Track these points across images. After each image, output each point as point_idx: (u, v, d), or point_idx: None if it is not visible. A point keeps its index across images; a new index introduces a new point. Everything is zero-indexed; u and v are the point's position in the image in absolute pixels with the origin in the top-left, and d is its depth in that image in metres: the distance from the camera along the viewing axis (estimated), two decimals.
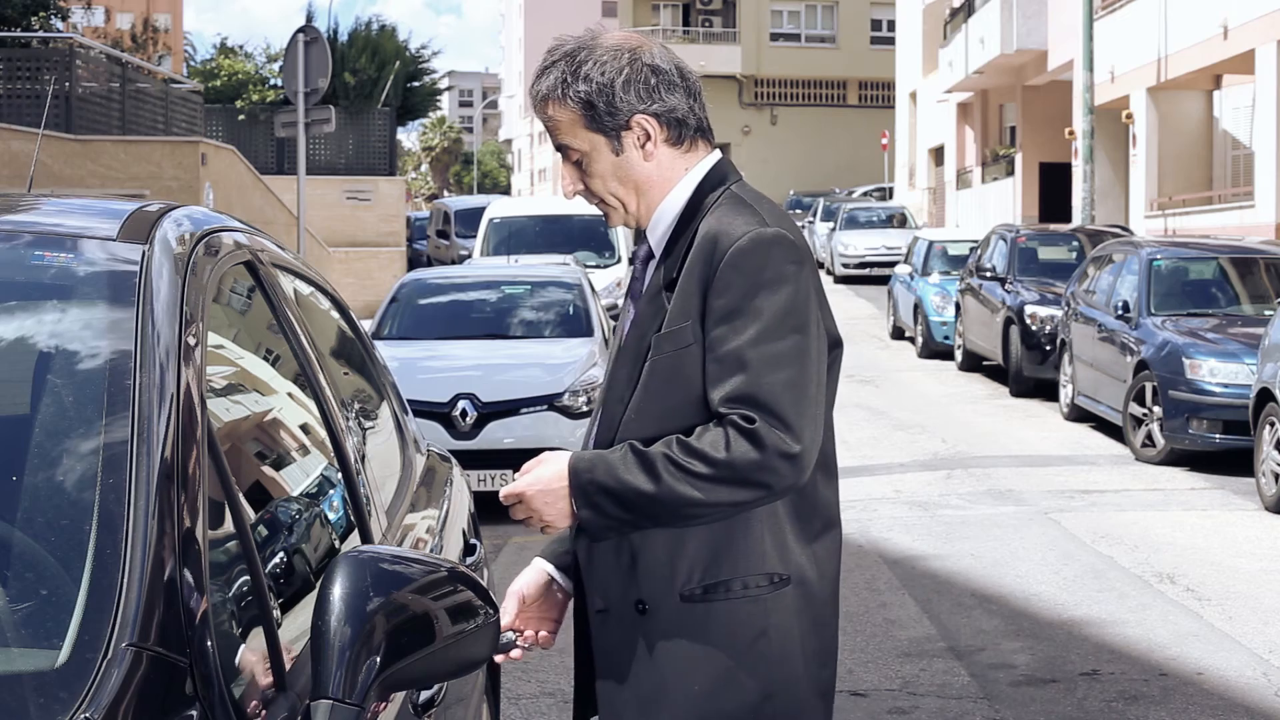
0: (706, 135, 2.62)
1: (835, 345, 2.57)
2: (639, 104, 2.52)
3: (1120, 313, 12.90)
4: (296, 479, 2.68)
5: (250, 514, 2.23)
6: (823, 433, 2.49)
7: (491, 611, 2.15)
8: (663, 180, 2.57)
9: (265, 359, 2.82)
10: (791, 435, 2.39)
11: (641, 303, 2.57)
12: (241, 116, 32.71)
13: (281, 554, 2.38)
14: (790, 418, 2.39)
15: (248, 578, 2.10)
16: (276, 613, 2.17)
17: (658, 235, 2.59)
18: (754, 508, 2.46)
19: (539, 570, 2.70)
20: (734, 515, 2.46)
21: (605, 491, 2.44)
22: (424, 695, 2.64)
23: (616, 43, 2.56)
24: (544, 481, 2.51)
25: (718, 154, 2.63)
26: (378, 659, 1.93)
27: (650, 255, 2.61)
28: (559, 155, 2.61)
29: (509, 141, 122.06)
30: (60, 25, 24.59)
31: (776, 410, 2.39)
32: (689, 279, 2.47)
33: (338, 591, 1.94)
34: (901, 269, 21.83)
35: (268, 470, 2.58)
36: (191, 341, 2.20)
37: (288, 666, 2.10)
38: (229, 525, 2.11)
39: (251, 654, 2.03)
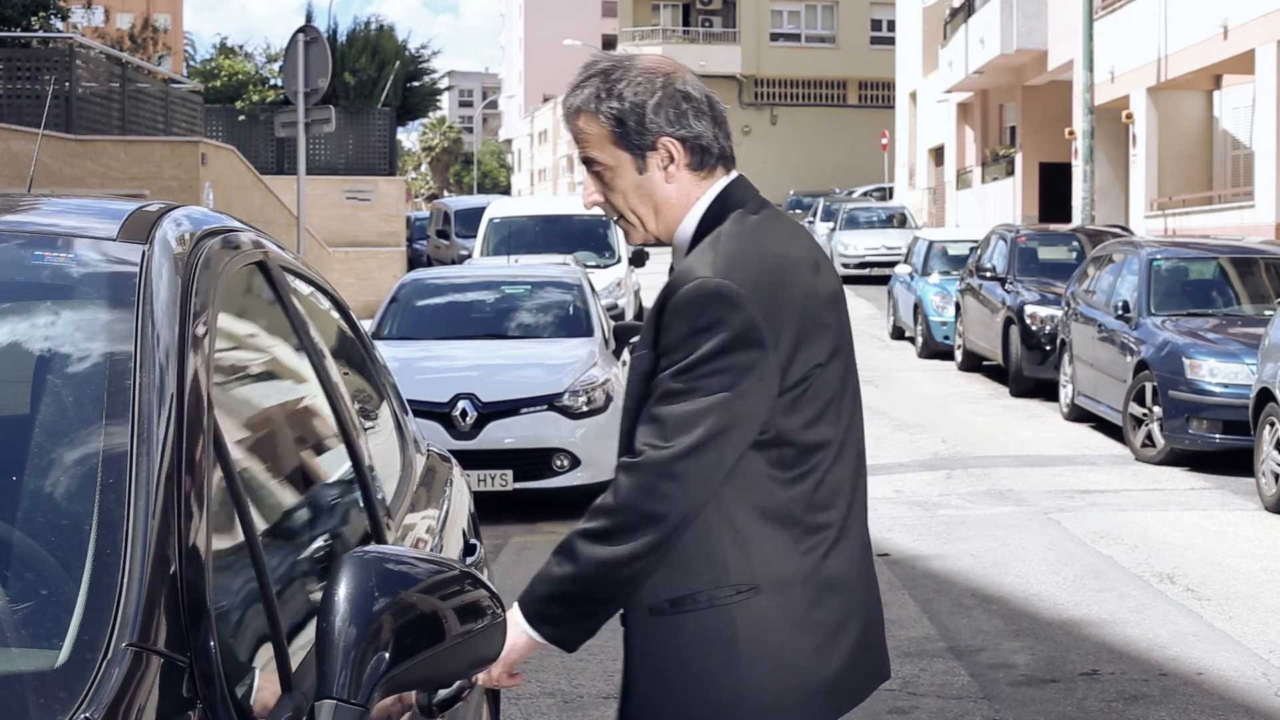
0: (728, 162, 2.70)
1: (834, 354, 2.64)
2: (667, 127, 2.61)
3: (1120, 313, 12.90)
4: (305, 478, 2.68)
5: (255, 513, 2.23)
6: (720, 453, 2.49)
7: (500, 611, 2.14)
8: (679, 204, 2.66)
9: (272, 358, 2.81)
10: (667, 445, 2.46)
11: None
12: (241, 116, 32.72)
13: (287, 553, 2.38)
14: (672, 434, 2.46)
15: (253, 576, 2.10)
16: (281, 613, 2.17)
17: (677, 256, 2.70)
18: (671, 538, 2.49)
19: (518, 630, 2.62)
20: (665, 557, 2.50)
21: (546, 600, 2.53)
22: (443, 694, 2.63)
23: (651, 65, 2.66)
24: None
25: (731, 176, 2.70)
26: (384, 659, 1.93)
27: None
28: (582, 164, 2.70)
29: (509, 141, 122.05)
30: (60, 25, 24.59)
31: (665, 426, 2.47)
32: (654, 311, 2.59)
33: (343, 591, 1.94)
34: (901, 269, 21.83)
35: (274, 469, 2.57)
36: (201, 331, 2.20)
37: (293, 667, 2.10)
38: (234, 524, 2.11)
39: (259, 655, 2.03)
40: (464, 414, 9.75)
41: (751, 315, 2.52)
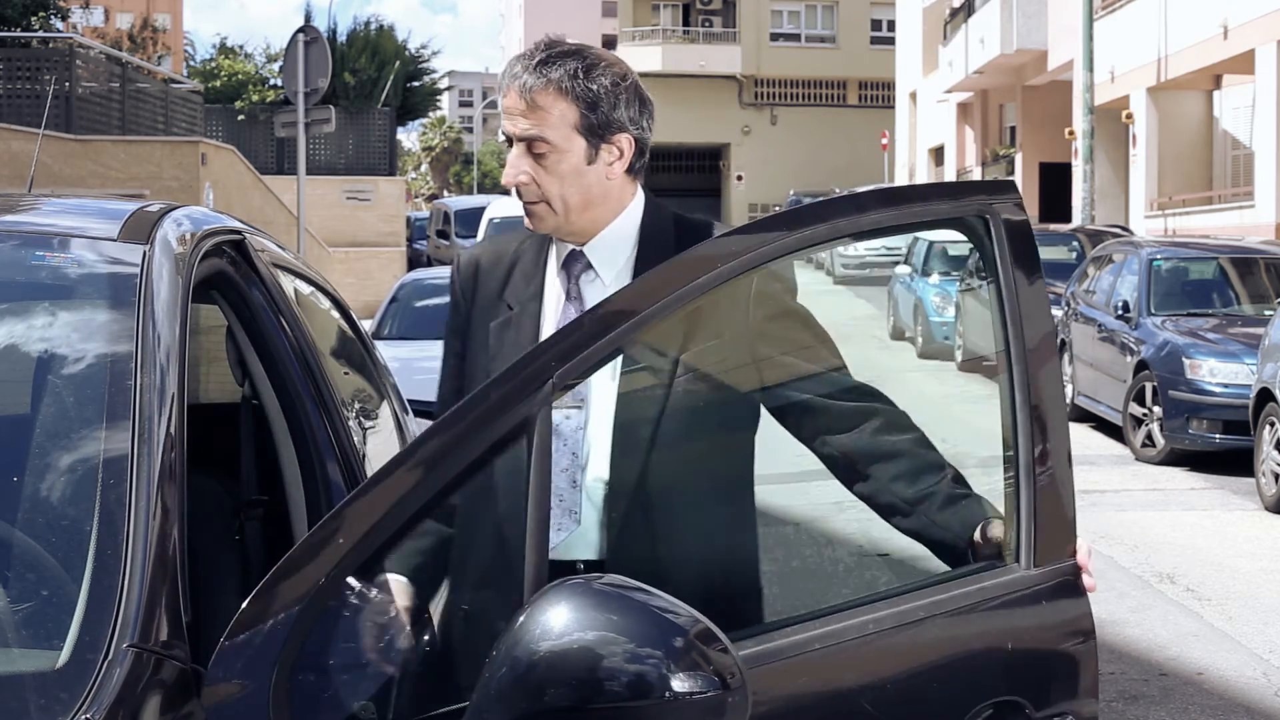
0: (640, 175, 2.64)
1: None
2: (629, 124, 2.52)
3: (1120, 313, 12.90)
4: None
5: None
6: None
7: (721, 691, 1.72)
8: (612, 200, 2.55)
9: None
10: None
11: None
12: (241, 116, 32.71)
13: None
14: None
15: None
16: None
17: (608, 253, 2.56)
18: None
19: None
20: None
21: None
22: None
23: (613, 59, 2.55)
24: None
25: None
26: (529, 706, 1.70)
27: (589, 267, 2.57)
28: (513, 141, 2.51)
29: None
30: (60, 25, 24.58)
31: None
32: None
33: (517, 624, 1.74)
34: (901, 269, 21.81)
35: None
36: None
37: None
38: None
39: None
40: None
41: None
